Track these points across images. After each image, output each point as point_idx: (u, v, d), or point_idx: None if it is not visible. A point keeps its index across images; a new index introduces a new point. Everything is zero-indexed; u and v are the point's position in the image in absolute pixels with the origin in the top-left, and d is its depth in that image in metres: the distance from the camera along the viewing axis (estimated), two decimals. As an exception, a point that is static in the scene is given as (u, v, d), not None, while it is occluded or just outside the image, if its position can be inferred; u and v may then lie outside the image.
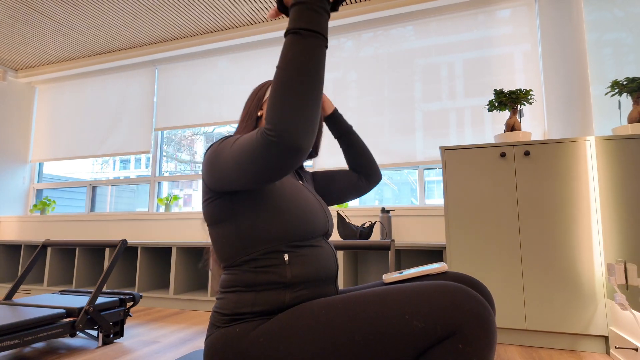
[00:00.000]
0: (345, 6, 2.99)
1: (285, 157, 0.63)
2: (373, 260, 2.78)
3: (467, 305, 0.66)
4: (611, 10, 2.51)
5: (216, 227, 0.81)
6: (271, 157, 0.63)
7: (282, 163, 0.64)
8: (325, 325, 0.70)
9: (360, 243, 1.88)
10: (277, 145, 0.61)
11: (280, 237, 0.78)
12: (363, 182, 1.10)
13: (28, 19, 3.18)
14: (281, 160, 0.63)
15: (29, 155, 4.22)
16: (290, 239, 0.79)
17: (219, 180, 0.74)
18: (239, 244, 0.79)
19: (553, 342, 1.80)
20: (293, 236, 0.79)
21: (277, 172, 0.65)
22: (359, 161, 1.09)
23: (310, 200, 0.86)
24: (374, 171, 1.11)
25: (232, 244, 0.79)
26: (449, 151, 2.02)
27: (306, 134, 0.62)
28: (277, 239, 0.78)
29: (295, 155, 0.62)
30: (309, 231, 0.82)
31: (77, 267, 3.14)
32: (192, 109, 3.57)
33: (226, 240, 0.80)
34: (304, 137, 0.61)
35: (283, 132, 0.60)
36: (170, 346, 1.88)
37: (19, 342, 1.54)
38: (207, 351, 0.77)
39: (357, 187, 1.09)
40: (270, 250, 0.78)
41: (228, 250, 0.80)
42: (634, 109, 1.92)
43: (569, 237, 1.79)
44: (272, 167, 0.64)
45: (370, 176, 1.10)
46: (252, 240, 0.78)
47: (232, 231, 0.79)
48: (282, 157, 0.63)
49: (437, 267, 0.89)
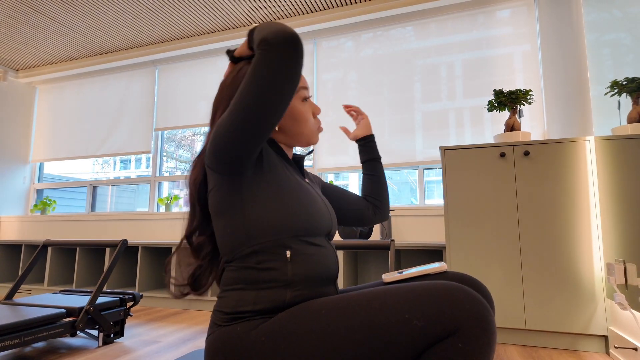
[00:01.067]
0: (345, 6, 3.00)
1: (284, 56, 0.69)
2: (373, 260, 2.78)
3: (467, 304, 0.67)
4: (610, 11, 2.52)
5: (222, 217, 0.81)
6: (270, 65, 0.69)
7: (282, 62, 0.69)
8: (326, 324, 0.70)
9: (360, 243, 1.88)
10: (270, 51, 0.69)
11: (286, 229, 0.78)
12: (369, 213, 1.09)
13: (28, 19, 3.18)
14: (281, 59, 0.69)
15: (29, 155, 4.23)
16: (296, 231, 0.79)
17: (224, 143, 0.75)
18: (244, 234, 0.79)
19: (553, 342, 1.81)
20: (298, 229, 0.79)
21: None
22: (375, 191, 1.09)
23: (315, 198, 0.86)
24: (384, 206, 1.11)
25: (237, 234, 0.79)
26: (448, 151, 2.02)
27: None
28: (282, 230, 0.78)
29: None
30: (314, 226, 0.82)
31: (78, 267, 3.14)
32: (193, 109, 3.57)
33: (232, 230, 0.80)
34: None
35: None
36: (171, 346, 1.88)
37: (19, 342, 1.54)
38: (208, 350, 0.77)
39: (363, 216, 1.08)
40: (275, 243, 0.78)
41: (233, 241, 0.80)
42: (633, 109, 1.92)
43: (568, 236, 1.80)
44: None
45: (379, 209, 1.10)
46: (258, 230, 0.78)
47: (238, 221, 0.79)
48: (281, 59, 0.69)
49: (437, 267, 0.89)
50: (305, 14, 3.11)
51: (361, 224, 1.10)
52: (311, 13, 3.09)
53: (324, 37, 3.22)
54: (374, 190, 1.10)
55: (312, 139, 0.93)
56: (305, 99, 0.91)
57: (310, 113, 0.92)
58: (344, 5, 3.01)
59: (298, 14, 3.11)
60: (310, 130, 0.91)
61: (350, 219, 1.09)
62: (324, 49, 3.23)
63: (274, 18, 3.16)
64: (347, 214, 1.08)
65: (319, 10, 3.07)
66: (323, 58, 3.22)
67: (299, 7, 3.01)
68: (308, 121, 0.90)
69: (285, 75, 0.70)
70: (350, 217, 1.08)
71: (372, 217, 1.10)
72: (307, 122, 0.90)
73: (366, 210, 1.09)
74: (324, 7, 3.03)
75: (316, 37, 3.24)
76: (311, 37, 3.25)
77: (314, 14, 3.08)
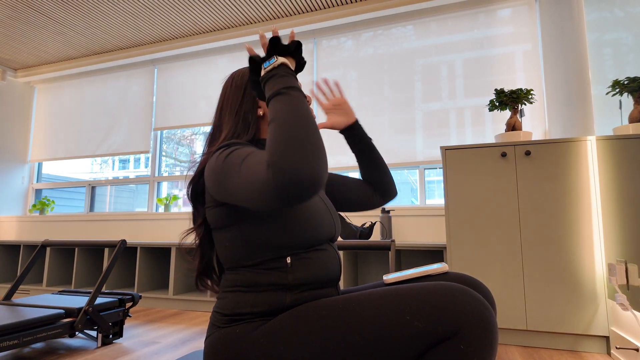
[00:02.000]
0: (345, 5, 2.99)
1: (297, 192, 0.60)
2: (373, 261, 2.77)
3: (468, 305, 0.66)
4: (611, 11, 2.51)
5: (220, 231, 0.81)
6: (285, 193, 0.60)
7: (295, 197, 0.61)
8: (326, 326, 0.70)
9: (360, 243, 1.88)
10: (287, 186, 0.59)
11: (284, 245, 0.77)
12: (377, 198, 1.04)
13: (27, 18, 3.17)
14: (294, 195, 0.60)
15: (28, 155, 4.22)
16: (295, 247, 0.78)
17: (229, 196, 0.69)
18: (242, 250, 0.78)
19: (554, 343, 1.80)
20: (297, 244, 0.78)
21: (293, 202, 0.62)
22: (377, 177, 1.03)
23: (317, 208, 0.83)
24: (390, 187, 1.04)
25: (235, 249, 0.79)
26: (449, 151, 2.01)
27: (310, 165, 0.60)
28: (281, 247, 0.77)
29: (307, 188, 0.60)
30: (314, 238, 0.80)
31: (76, 268, 3.13)
32: (192, 109, 3.56)
33: (230, 244, 0.79)
34: (310, 170, 0.60)
35: (290, 174, 0.59)
36: (170, 347, 1.87)
37: (18, 343, 1.54)
38: (207, 351, 0.77)
39: (370, 202, 1.04)
40: (274, 256, 0.78)
41: (231, 254, 0.79)
42: (634, 109, 1.92)
43: (569, 237, 1.79)
44: (288, 199, 0.61)
45: (386, 192, 1.04)
46: (256, 247, 0.77)
47: (236, 237, 0.78)
48: (295, 193, 0.60)
49: (438, 268, 0.88)
50: (305, 13, 3.10)
51: (372, 208, 1.06)
52: (311, 12, 3.08)
53: (324, 36, 3.21)
54: (374, 174, 1.04)
55: None
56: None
57: None
58: (344, 4, 3.00)
59: (298, 13, 3.11)
60: None
61: (357, 206, 1.04)
62: (324, 48, 3.22)
63: (274, 17, 3.16)
64: (353, 202, 1.04)
65: (319, 9, 3.06)
66: (323, 57, 3.21)
67: (299, 6, 3.00)
68: None
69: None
70: (357, 204, 1.04)
71: (381, 200, 1.05)
72: None
73: (374, 196, 1.04)
74: (324, 6, 3.03)
75: (316, 36, 3.23)
76: (311, 36, 3.24)
77: (314, 13, 3.07)
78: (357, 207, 1.05)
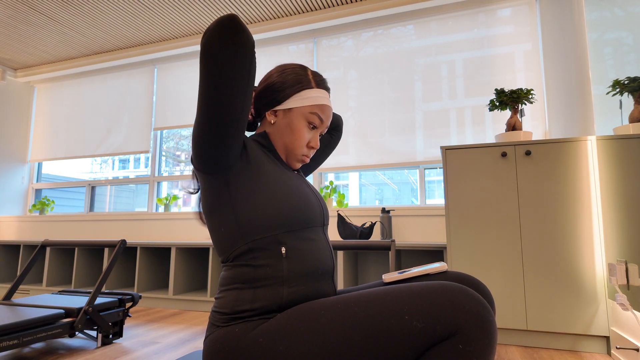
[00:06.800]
0: (346, 5, 2.99)
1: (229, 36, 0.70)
2: (373, 261, 2.77)
3: (467, 305, 0.66)
4: (612, 10, 2.51)
5: (214, 216, 0.81)
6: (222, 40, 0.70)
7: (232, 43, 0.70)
8: (325, 325, 0.70)
9: (360, 243, 1.87)
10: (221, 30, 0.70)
11: (278, 223, 0.78)
12: (334, 136, 1.15)
13: (27, 18, 3.17)
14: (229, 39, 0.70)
15: (27, 155, 4.22)
16: (288, 225, 0.79)
17: (194, 146, 0.76)
18: (237, 232, 0.79)
19: (554, 343, 1.80)
20: (290, 222, 0.79)
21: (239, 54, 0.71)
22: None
23: (304, 189, 0.86)
24: (336, 123, 1.14)
25: (230, 232, 0.79)
26: (449, 151, 2.01)
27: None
28: (275, 226, 0.78)
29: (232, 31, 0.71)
30: (307, 218, 0.82)
31: (76, 267, 3.13)
32: (192, 109, 3.56)
33: (225, 228, 0.80)
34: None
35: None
36: (170, 346, 1.87)
37: (18, 343, 1.53)
38: (207, 351, 0.77)
39: (332, 142, 1.15)
40: (269, 239, 0.78)
41: (227, 239, 0.80)
42: (635, 109, 1.91)
43: (570, 237, 1.79)
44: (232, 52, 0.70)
45: (335, 128, 1.14)
46: (251, 227, 0.78)
47: (230, 219, 0.79)
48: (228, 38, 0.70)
49: (437, 267, 0.88)
50: (305, 13, 3.10)
51: (335, 146, 1.18)
52: (311, 12, 3.08)
53: (324, 35, 3.21)
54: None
55: (291, 157, 0.91)
56: (313, 127, 0.90)
57: (306, 139, 0.90)
58: (344, 4, 3.00)
59: (298, 13, 3.11)
60: (295, 149, 0.89)
61: (327, 154, 1.16)
62: (324, 48, 3.22)
63: (274, 17, 3.16)
64: (323, 152, 1.14)
65: (319, 8, 3.06)
66: (323, 57, 3.21)
67: (299, 6, 3.00)
68: (298, 140, 0.88)
69: (221, 67, 0.71)
70: (326, 153, 1.15)
71: (337, 135, 1.16)
72: (297, 141, 0.88)
73: (332, 137, 1.15)
74: (324, 6, 3.02)
75: (316, 36, 3.23)
76: (311, 36, 3.24)
77: (314, 13, 3.07)
78: (326, 154, 1.16)
